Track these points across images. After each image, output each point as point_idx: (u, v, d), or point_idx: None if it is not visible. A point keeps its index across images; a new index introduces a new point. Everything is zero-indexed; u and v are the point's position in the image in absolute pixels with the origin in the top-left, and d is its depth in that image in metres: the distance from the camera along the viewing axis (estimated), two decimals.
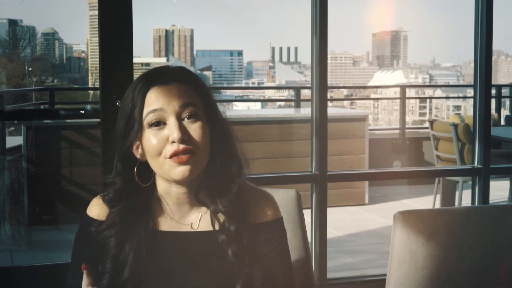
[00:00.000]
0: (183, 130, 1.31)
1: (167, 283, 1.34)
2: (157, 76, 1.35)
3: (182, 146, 1.30)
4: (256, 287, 1.39)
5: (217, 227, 1.36)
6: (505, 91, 9.09)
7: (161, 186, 1.37)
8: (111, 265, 1.33)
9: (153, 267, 1.34)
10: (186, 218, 1.38)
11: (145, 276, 1.33)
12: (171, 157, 1.30)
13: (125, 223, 1.35)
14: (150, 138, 1.32)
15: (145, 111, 1.32)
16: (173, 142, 1.30)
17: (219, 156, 1.36)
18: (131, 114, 1.34)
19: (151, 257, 1.34)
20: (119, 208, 1.36)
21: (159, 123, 1.32)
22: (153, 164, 1.34)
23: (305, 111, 6.58)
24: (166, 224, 1.38)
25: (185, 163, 1.30)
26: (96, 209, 1.40)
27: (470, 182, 3.82)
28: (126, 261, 1.33)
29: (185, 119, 1.32)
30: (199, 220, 1.38)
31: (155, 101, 1.32)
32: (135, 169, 1.36)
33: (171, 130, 1.30)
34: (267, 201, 1.41)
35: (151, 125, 1.32)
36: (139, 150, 1.35)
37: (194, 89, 1.36)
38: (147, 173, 1.36)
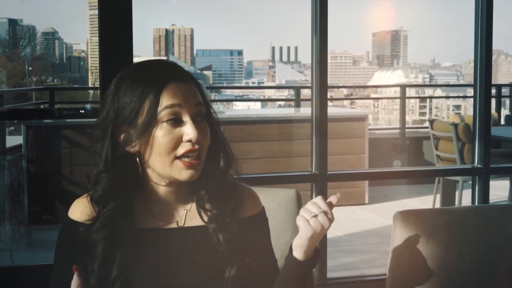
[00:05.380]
0: (198, 130, 1.30)
1: (157, 281, 1.33)
2: (171, 72, 1.33)
3: (197, 146, 1.30)
4: (245, 277, 1.39)
5: (205, 219, 1.37)
6: (505, 91, 9.09)
7: (150, 183, 1.36)
8: (100, 264, 1.32)
9: (141, 266, 1.33)
10: (172, 215, 1.38)
11: (134, 275, 1.32)
12: (182, 156, 1.30)
13: (113, 224, 1.33)
14: (163, 135, 1.29)
15: (162, 105, 1.29)
16: (188, 141, 1.30)
17: (212, 156, 1.37)
18: (139, 108, 1.30)
19: (139, 256, 1.34)
20: (108, 209, 1.33)
21: (176, 120, 1.30)
22: (157, 161, 1.31)
23: (305, 110, 6.58)
24: (151, 222, 1.37)
25: (193, 166, 1.31)
26: (78, 211, 1.37)
27: (470, 182, 3.82)
28: (114, 261, 1.32)
29: (197, 119, 1.32)
30: (184, 216, 1.38)
31: (173, 96, 1.30)
32: (138, 159, 1.33)
33: (189, 129, 1.29)
34: (250, 196, 1.43)
35: (166, 121, 1.29)
36: (135, 145, 1.31)
37: (198, 89, 1.36)
38: (135, 169, 1.34)
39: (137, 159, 1.34)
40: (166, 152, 1.30)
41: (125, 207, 1.35)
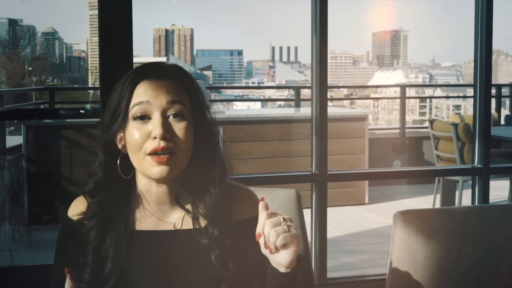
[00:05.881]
0: (166, 127, 1.30)
1: (153, 283, 1.33)
2: (150, 70, 1.35)
3: (162, 144, 1.29)
4: (243, 282, 1.38)
5: (199, 225, 1.35)
6: (505, 91, 9.09)
7: (142, 183, 1.36)
8: (93, 257, 1.32)
9: (137, 267, 1.33)
10: (168, 217, 1.38)
11: (128, 273, 1.33)
12: (150, 154, 1.30)
13: (105, 215, 1.34)
14: (133, 132, 1.31)
15: (132, 102, 1.32)
16: (155, 138, 1.29)
17: (202, 159, 1.35)
18: (118, 104, 1.33)
19: (133, 256, 1.34)
20: (99, 199, 1.35)
21: (143, 117, 1.31)
22: (133, 158, 1.33)
23: (305, 110, 6.58)
24: (147, 223, 1.37)
25: (164, 163, 1.29)
26: (75, 208, 1.39)
27: (470, 182, 3.82)
28: (107, 255, 1.32)
29: (171, 116, 1.32)
30: (181, 219, 1.37)
31: (143, 93, 1.32)
32: (118, 161, 1.35)
33: (154, 125, 1.30)
34: (249, 198, 1.41)
35: (135, 118, 1.31)
36: (122, 141, 1.35)
37: (184, 88, 1.35)
38: (129, 167, 1.36)
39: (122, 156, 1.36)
40: (136, 149, 1.31)
41: (118, 200, 1.36)
